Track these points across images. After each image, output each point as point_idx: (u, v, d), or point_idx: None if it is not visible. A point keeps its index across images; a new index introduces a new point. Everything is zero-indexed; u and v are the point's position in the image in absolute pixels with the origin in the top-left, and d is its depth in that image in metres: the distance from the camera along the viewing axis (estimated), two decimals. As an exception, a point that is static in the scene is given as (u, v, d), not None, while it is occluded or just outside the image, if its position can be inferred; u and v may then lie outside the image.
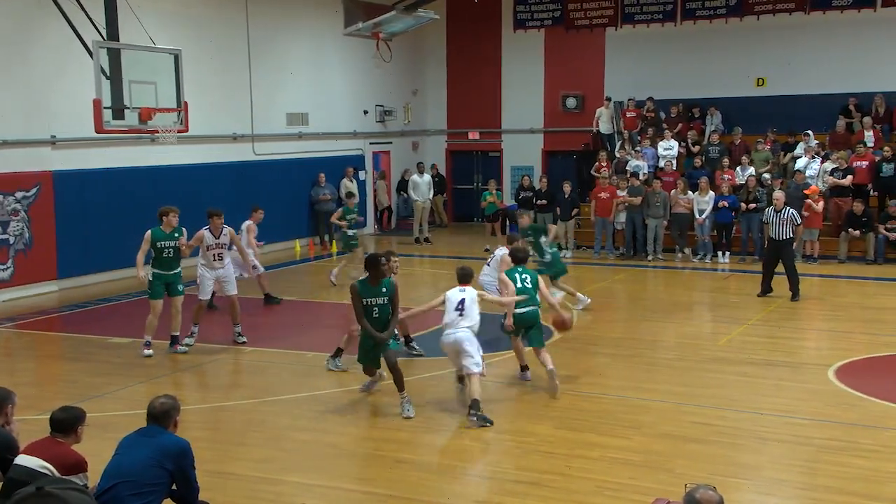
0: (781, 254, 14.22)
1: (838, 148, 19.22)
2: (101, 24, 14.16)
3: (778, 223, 14.15)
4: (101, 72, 13.01)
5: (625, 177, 19.25)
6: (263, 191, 19.35)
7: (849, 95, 20.36)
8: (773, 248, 14.34)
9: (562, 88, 24.09)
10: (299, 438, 8.25)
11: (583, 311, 13.38)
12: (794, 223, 14.23)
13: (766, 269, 14.55)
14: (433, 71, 25.71)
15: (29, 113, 15.07)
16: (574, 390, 9.56)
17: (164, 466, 5.34)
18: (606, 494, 6.83)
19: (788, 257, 14.27)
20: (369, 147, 23.85)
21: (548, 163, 24.65)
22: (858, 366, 10.50)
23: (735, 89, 21.82)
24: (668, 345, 11.83)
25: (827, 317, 13.66)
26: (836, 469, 7.32)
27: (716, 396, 9.28)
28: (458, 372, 9.15)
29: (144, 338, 11.04)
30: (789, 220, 14.15)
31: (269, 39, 20.10)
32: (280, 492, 7.02)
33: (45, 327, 13.20)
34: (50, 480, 4.88)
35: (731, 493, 6.51)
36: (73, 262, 15.80)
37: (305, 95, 21.40)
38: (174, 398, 5.73)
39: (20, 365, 11.38)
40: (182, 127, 14.07)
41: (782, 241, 14.15)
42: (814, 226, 17.60)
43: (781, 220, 14.13)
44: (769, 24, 21.36)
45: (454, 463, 7.77)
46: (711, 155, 20.15)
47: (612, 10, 22.65)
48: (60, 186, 15.59)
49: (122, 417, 8.40)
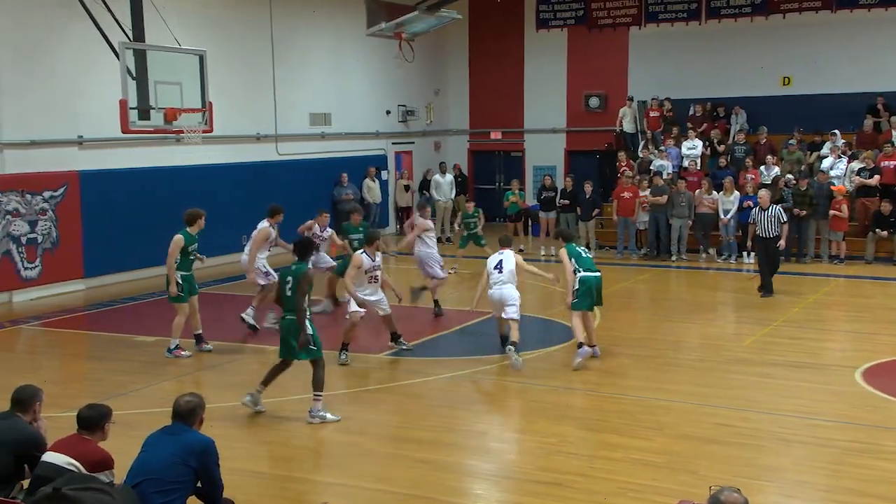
0: (769, 250, 14.59)
1: (866, 147, 19.03)
2: (127, 26, 14.30)
3: (765, 221, 14.59)
4: (127, 72, 13.13)
5: (647, 176, 19.17)
6: (286, 191, 19.44)
7: (876, 94, 20.14)
8: (763, 246, 14.73)
9: (584, 88, 24.02)
10: (321, 437, 8.29)
11: (605, 311, 13.36)
12: (781, 220, 14.62)
13: (762, 268, 14.88)
14: (455, 71, 25.72)
15: (56, 114, 15.25)
16: (596, 391, 9.54)
17: (188, 464, 5.38)
18: (629, 496, 6.81)
19: (775, 254, 14.69)
20: (391, 147, 23.90)
21: (570, 163, 24.58)
22: (884, 367, 10.39)
23: (761, 88, 21.65)
24: (690, 346, 11.77)
25: (852, 318, 13.53)
26: (860, 471, 7.25)
27: (738, 398, 9.22)
28: (502, 331, 10.83)
29: (176, 341, 11.07)
30: (776, 217, 14.57)
31: (291, 40, 20.20)
32: (302, 490, 7.07)
33: (72, 325, 13.35)
34: (69, 479, 4.91)
35: (755, 496, 6.46)
36: (99, 261, 15.97)
37: (328, 96, 21.49)
38: (199, 396, 5.77)
39: (46, 363, 11.52)
40: (206, 127, 14.17)
41: (770, 238, 14.57)
42: (840, 228, 17.44)
43: (768, 217, 14.57)
44: (795, 23, 21.17)
45: (475, 463, 7.78)
46: (736, 154, 20.01)
47: (635, 8, 22.56)
48: (87, 186, 15.76)
49: (146, 415, 8.48)
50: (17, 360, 11.73)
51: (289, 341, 8.58)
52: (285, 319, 8.68)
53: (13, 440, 5.64)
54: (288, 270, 8.75)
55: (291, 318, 8.56)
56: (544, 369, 10.70)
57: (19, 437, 5.68)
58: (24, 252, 14.84)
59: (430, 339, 11.99)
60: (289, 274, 8.67)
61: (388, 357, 11.09)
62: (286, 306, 8.67)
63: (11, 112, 14.64)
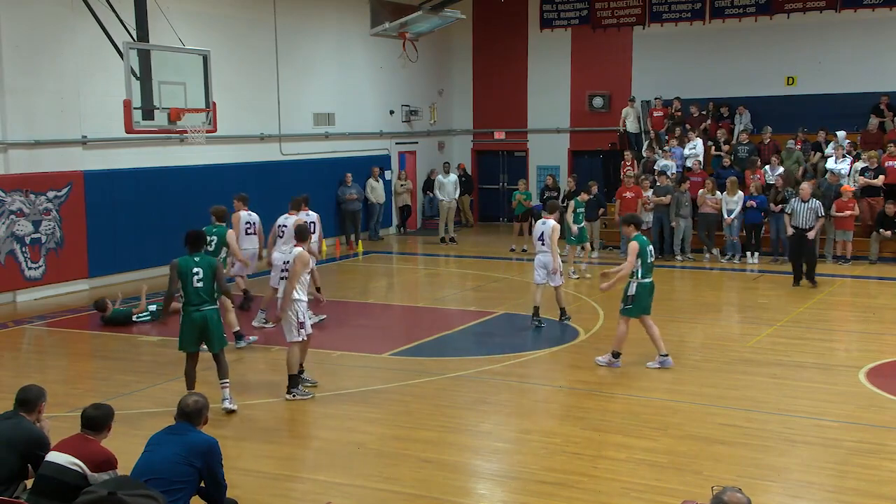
0: (805, 243, 14.96)
1: (870, 147, 18.99)
2: (132, 26, 14.31)
3: (804, 213, 15.00)
4: (132, 73, 13.14)
5: (650, 176, 19.13)
6: (290, 190, 19.42)
7: (881, 94, 20.11)
8: (797, 238, 15.07)
9: (588, 88, 24.00)
10: (326, 437, 8.29)
11: (609, 312, 13.34)
12: (819, 214, 15.08)
13: (795, 259, 15.26)
14: (459, 71, 25.71)
15: (60, 114, 15.26)
16: (600, 391, 9.53)
17: (192, 464, 5.38)
18: (633, 496, 6.80)
19: (812, 248, 15.08)
20: (395, 147, 23.89)
21: (574, 162, 24.57)
22: (890, 368, 10.36)
23: (765, 88, 21.62)
24: (695, 346, 11.75)
25: (857, 318, 13.50)
26: (866, 472, 7.23)
27: (743, 398, 9.20)
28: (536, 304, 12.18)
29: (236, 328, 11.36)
30: (815, 210, 15.02)
31: (295, 40, 20.21)
32: (307, 490, 7.06)
33: (76, 325, 13.35)
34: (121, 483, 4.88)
35: (759, 496, 6.46)
36: (103, 260, 15.98)
37: (332, 96, 21.49)
38: (204, 396, 5.79)
39: (51, 363, 11.53)
40: (210, 127, 14.18)
41: (807, 228, 14.95)
42: (846, 227, 17.42)
43: (807, 209, 15.01)
44: (799, 23, 21.14)
45: (480, 463, 7.77)
46: (740, 154, 19.97)
47: (639, 8, 22.55)
48: (91, 186, 15.77)
49: (151, 415, 8.49)
50: (22, 360, 11.74)
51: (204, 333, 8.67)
52: (201, 311, 8.62)
53: (18, 440, 5.65)
54: (192, 261, 8.64)
55: (210, 309, 8.63)
56: (549, 369, 10.71)
57: (24, 437, 5.68)
58: (28, 252, 14.85)
59: (435, 339, 11.97)
60: (195, 265, 8.61)
61: (393, 357, 11.09)
62: (194, 298, 8.60)
63: (16, 112, 14.65)
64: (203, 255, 8.75)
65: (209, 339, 8.70)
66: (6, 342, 12.35)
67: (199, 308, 8.58)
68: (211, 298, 8.66)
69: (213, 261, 8.76)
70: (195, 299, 8.59)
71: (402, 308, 14.21)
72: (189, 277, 8.55)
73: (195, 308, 8.59)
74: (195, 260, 8.63)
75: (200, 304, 8.58)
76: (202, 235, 9.05)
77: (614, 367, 10.25)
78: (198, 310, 8.58)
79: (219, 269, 8.72)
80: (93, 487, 4.93)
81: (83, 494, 4.68)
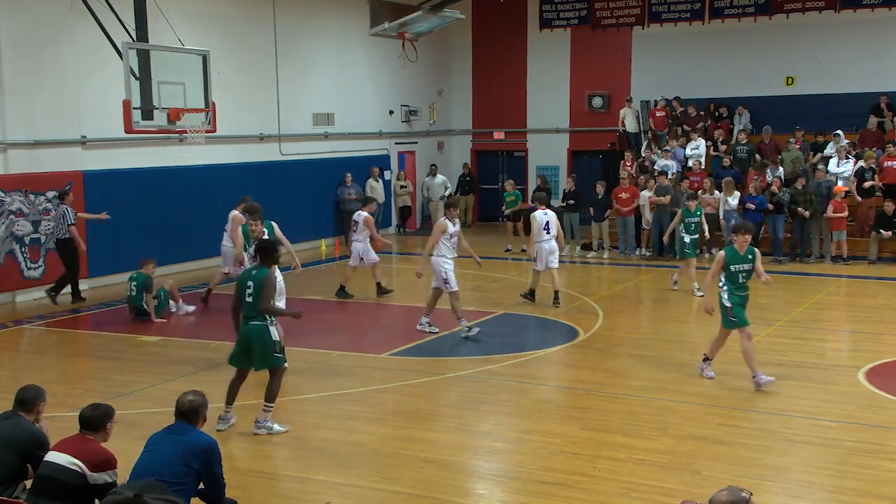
0: None
1: (869, 147, 18.99)
2: (131, 26, 14.31)
3: None
4: (131, 73, 13.14)
5: (649, 176, 19.13)
6: (290, 190, 19.49)
7: (880, 94, 20.12)
8: None
9: (588, 88, 24.01)
10: (325, 437, 8.28)
11: (608, 312, 13.35)
12: None
13: None
14: (459, 71, 25.71)
15: (60, 113, 15.25)
16: (600, 391, 9.53)
17: (188, 465, 5.37)
18: (632, 496, 6.80)
19: None
20: (395, 147, 23.90)
21: (574, 163, 24.57)
22: (889, 367, 10.37)
23: (764, 88, 21.63)
24: (694, 346, 11.73)
25: (856, 318, 13.50)
26: (865, 472, 7.24)
27: (743, 398, 9.21)
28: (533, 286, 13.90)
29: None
30: None
31: (295, 40, 20.20)
32: (306, 490, 7.06)
33: (75, 325, 13.36)
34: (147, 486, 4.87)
35: (759, 496, 6.44)
36: (102, 260, 15.97)
37: (331, 96, 21.49)
38: (202, 395, 5.77)
39: (50, 362, 11.52)
40: (210, 127, 14.18)
41: None
42: (840, 228, 17.41)
43: None
44: (799, 23, 21.16)
45: (479, 463, 7.77)
46: (739, 155, 19.97)
47: (638, 8, 22.56)
48: (90, 186, 15.76)
49: (150, 415, 8.49)
50: (21, 360, 11.74)
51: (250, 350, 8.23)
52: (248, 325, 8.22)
53: (17, 440, 5.64)
54: (248, 275, 8.38)
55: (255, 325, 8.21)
56: (548, 369, 10.71)
57: (23, 437, 5.68)
58: (27, 252, 14.84)
59: (435, 339, 11.97)
60: (249, 278, 8.32)
61: (393, 357, 11.09)
62: (246, 312, 8.26)
63: (15, 112, 14.64)
64: (260, 269, 8.36)
65: (250, 356, 8.30)
66: (6, 342, 12.35)
67: (247, 322, 8.29)
68: (259, 314, 8.28)
69: (264, 275, 8.29)
70: (246, 312, 8.30)
71: (402, 308, 14.20)
72: (243, 291, 8.31)
73: (244, 322, 8.31)
74: (252, 273, 8.37)
75: (249, 319, 8.27)
76: (271, 247, 8.60)
77: (766, 383, 9.45)
78: (246, 324, 8.29)
79: (266, 285, 8.24)
80: (119, 489, 4.94)
81: (110, 495, 4.70)
